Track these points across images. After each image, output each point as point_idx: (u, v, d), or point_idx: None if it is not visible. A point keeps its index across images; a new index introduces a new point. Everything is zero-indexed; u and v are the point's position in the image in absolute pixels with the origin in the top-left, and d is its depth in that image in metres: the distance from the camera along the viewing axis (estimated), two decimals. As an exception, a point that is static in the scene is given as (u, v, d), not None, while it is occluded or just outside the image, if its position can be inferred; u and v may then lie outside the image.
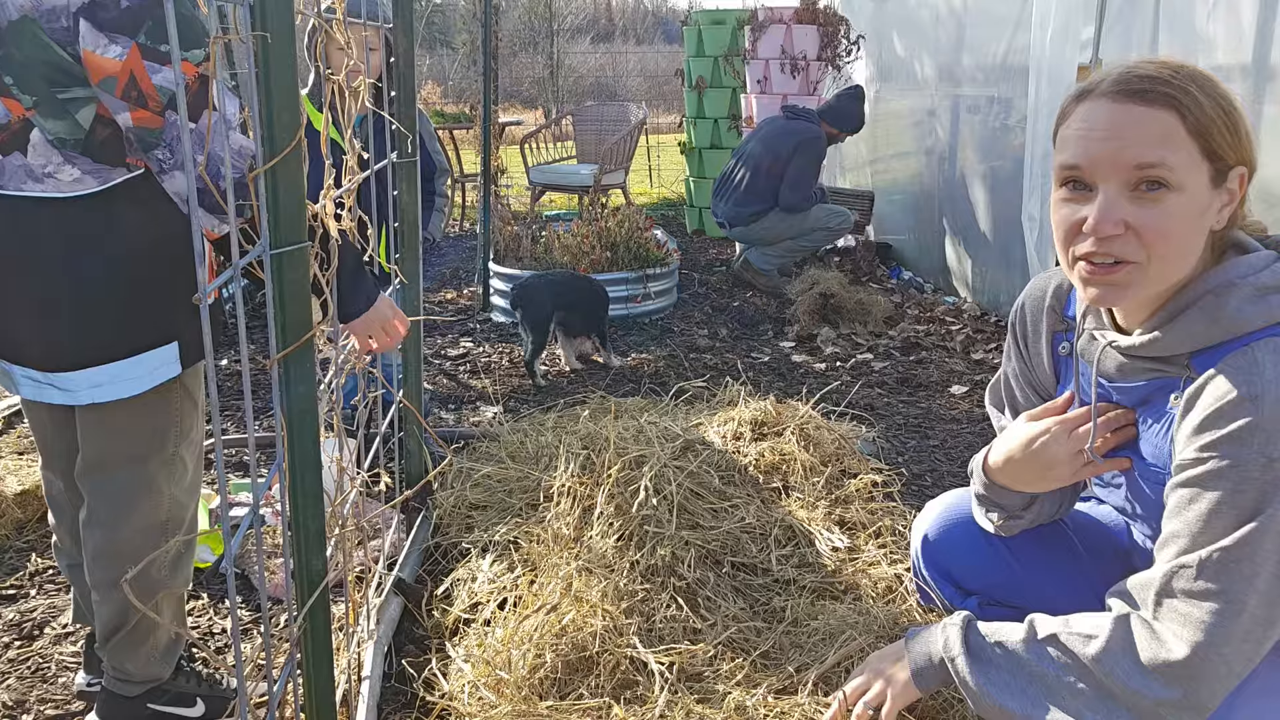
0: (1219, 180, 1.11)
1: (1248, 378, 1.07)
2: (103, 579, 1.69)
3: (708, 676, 1.65)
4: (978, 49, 4.92)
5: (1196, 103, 1.08)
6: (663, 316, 4.85)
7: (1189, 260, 1.14)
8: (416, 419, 2.25)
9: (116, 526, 1.65)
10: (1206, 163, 1.09)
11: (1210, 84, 1.11)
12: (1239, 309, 1.11)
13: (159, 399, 1.60)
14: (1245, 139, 1.12)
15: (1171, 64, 1.12)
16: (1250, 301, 1.11)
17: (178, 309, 1.56)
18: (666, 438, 2.33)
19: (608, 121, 8.15)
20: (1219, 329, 1.12)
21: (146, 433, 1.63)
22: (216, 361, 4.10)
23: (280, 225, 1.09)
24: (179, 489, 1.70)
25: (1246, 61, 2.79)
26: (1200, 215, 1.11)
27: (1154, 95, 1.09)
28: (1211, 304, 1.12)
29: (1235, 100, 1.11)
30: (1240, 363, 1.09)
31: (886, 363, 4.11)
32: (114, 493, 1.65)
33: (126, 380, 1.54)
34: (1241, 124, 1.11)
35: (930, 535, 1.72)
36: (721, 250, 6.56)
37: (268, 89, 1.05)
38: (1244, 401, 1.06)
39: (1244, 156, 1.12)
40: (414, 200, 2.11)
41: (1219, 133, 1.09)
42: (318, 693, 1.31)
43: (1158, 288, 1.17)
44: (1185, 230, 1.10)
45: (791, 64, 6.32)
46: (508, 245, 5.08)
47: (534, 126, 9.47)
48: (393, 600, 1.96)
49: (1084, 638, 1.18)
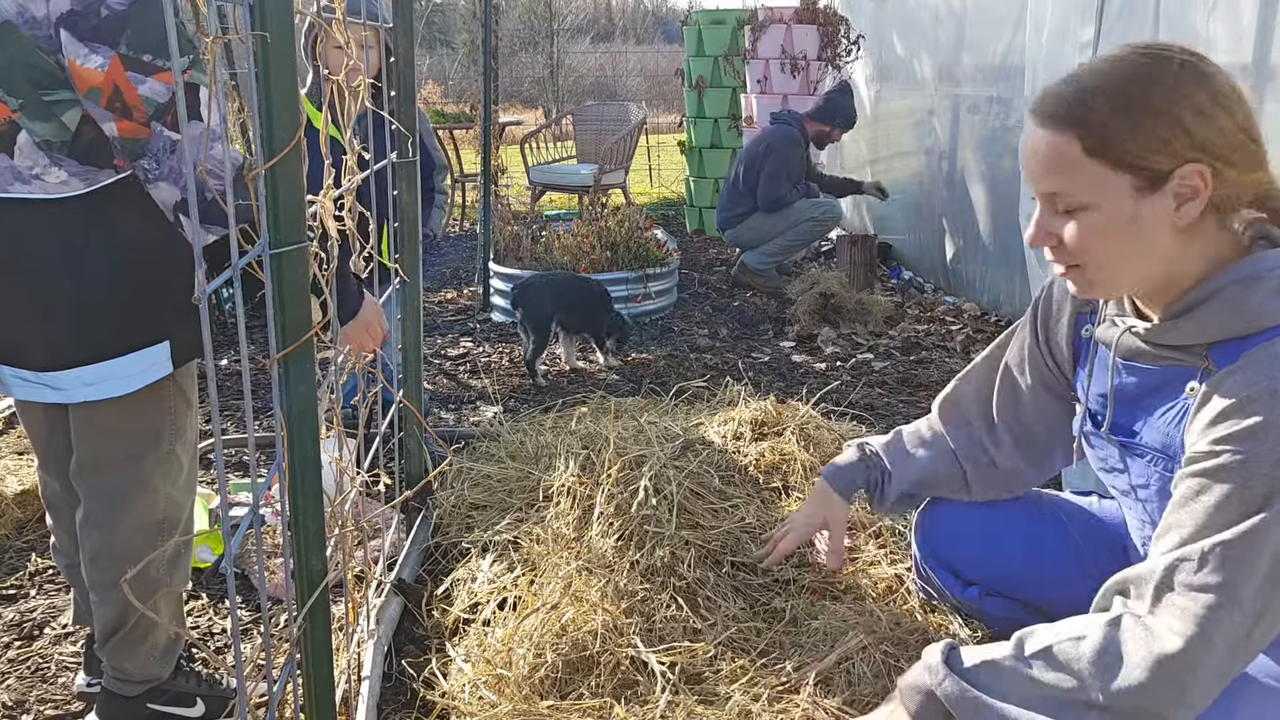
0: (1155, 185, 1.09)
1: (1268, 373, 1.06)
2: (101, 579, 1.69)
3: (708, 677, 1.65)
4: (977, 49, 4.92)
5: (1100, 120, 1.08)
6: (663, 316, 4.85)
7: (1143, 262, 1.14)
8: (416, 419, 2.25)
9: (113, 527, 1.65)
10: (1124, 174, 1.09)
11: (1129, 93, 1.09)
12: (1263, 302, 1.10)
13: (152, 398, 1.61)
14: (1191, 136, 1.08)
15: (1097, 70, 1.11)
16: (1275, 295, 1.10)
17: (168, 308, 1.56)
18: (666, 438, 2.33)
19: (608, 121, 8.15)
20: (1241, 321, 1.12)
21: (140, 432, 1.63)
22: (216, 361, 4.10)
23: (280, 225, 1.09)
24: (175, 488, 1.70)
25: (1247, 61, 2.79)
26: (1130, 224, 1.11)
27: (1057, 119, 1.11)
28: (1235, 295, 1.11)
29: (1174, 100, 1.08)
30: (1261, 358, 1.08)
31: (887, 363, 4.11)
32: (110, 493, 1.65)
33: (119, 379, 1.54)
34: (1180, 124, 1.08)
35: (930, 528, 1.75)
36: (721, 250, 6.56)
37: (267, 89, 1.05)
38: (1262, 397, 1.05)
39: (1195, 153, 1.08)
40: (414, 200, 2.11)
41: (1133, 143, 1.08)
42: (317, 693, 1.31)
43: (1130, 287, 1.18)
44: (1112, 242, 1.12)
45: (791, 64, 6.33)
46: (508, 245, 5.08)
47: (534, 126, 9.46)
48: (393, 600, 1.96)
49: (1075, 640, 1.15)
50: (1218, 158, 1.09)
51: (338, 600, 1.65)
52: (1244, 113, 1.12)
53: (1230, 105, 1.10)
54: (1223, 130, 1.09)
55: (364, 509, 1.72)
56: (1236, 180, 1.12)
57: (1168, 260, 1.15)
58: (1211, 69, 1.12)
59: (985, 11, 4.78)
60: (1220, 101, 1.09)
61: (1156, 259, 1.14)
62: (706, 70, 6.99)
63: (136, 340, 1.54)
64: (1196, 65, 1.11)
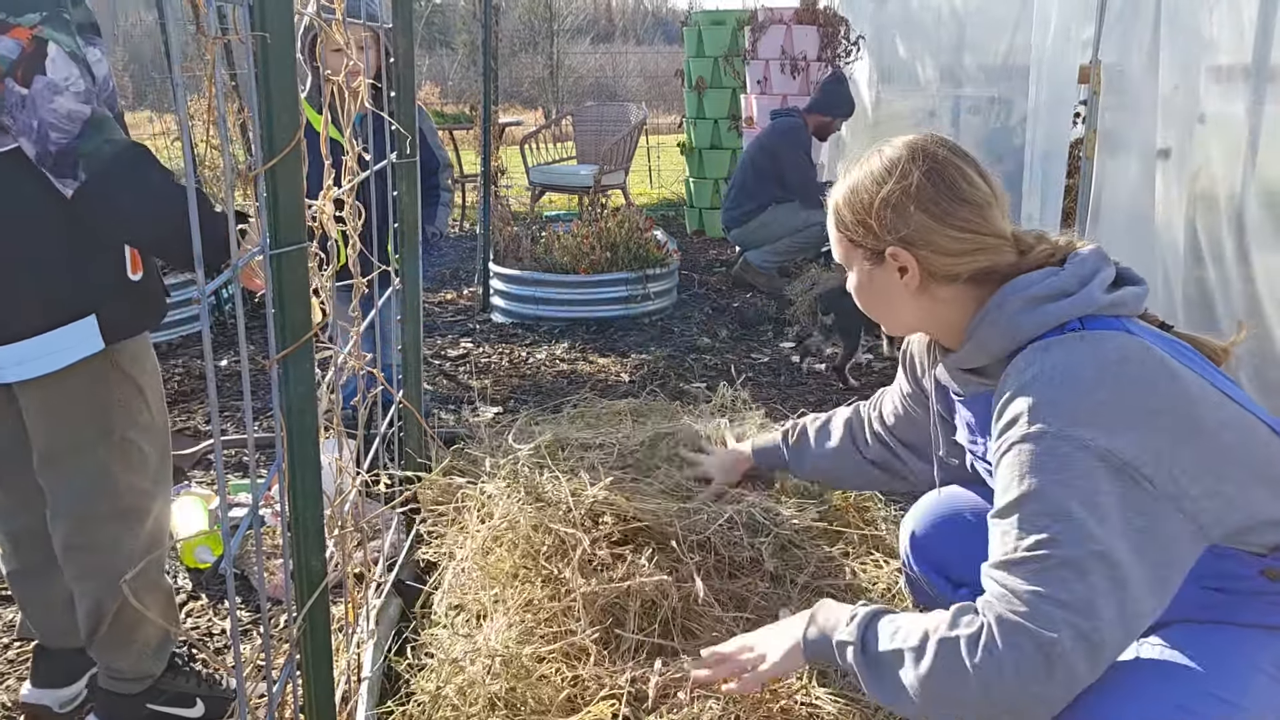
0: (876, 260, 1.37)
1: (1019, 374, 1.21)
2: (75, 572, 1.69)
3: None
4: (979, 49, 4.92)
5: (840, 210, 1.41)
6: (662, 317, 4.85)
7: (897, 313, 1.42)
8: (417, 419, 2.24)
9: (78, 517, 1.67)
10: (858, 249, 1.39)
11: (858, 191, 1.37)
12: (1011, 319, 1.27)
13: (91, 380, 1.61)
14: (893, 228, 1.33)
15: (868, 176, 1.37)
16: (1020, 312, 1.27)
17: (90, 283, 1.57)
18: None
19: (608, 122, 8.15)
20: (1002, 338, 1.29)
21: (85, 417, 1.63)
22: (216, 362, 4.10)
23: (279, 225, 1.09)
24: (138, 477, 1.70)
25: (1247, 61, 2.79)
26: (869, 285, 1.41)
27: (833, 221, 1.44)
28: (992, 317, 1.30)
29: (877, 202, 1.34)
30: (1021, 360, 1.24)
31: (887, 363, 4.11)
32: (68, 483, 1.66)
33: (48, 355, 1.55)
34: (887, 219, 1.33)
35: (918, 531, 1.77)
36: (722, 251, 6.56)
37: (267, 89, 1.05)
38: (1018, 394, 1.20)
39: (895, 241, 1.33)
40: (414, 200, 2.11)
41: (851, 229, 1.39)
42: (317, 693, 1.31)
43: (906, 331, 1.52)
44: (863, 296, 1.43)
45: (792, 64, 6.33)
46: (508, 246, 5.08)
47: (534, 127, 9.46)
48: (392, 601, 1.96)
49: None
50: (913, 244, 1.32)
51: (337, 601, 1.64)
52: (963, 215, 1.31)
53: (941, 209, 1.31)
54: (916, 225, 1.32)
55: (364, 509, 1.72)
56: (945, 261, 1.32)
57: (925, 312, 1.38)
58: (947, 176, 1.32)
59: (987, 12, 4.78)
60: (924, 205, 1.31)
61: (910, 312, 1.40)
62: (706, 71, 6.99)
63: (60, 315, 1.55)
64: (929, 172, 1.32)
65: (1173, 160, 3.06)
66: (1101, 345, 1.20)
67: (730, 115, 7.00)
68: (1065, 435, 1.14)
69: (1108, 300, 1.26)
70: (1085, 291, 1.26)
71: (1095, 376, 1.17)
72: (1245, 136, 2.81)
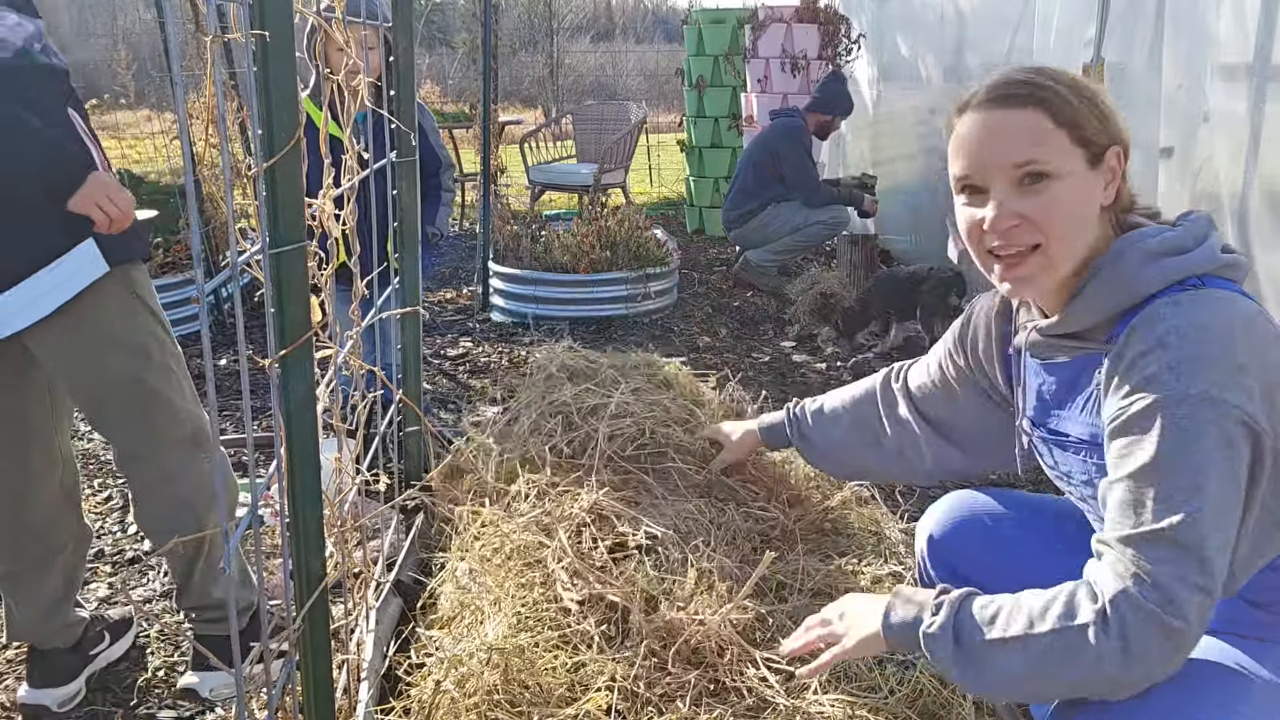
0: (1095, 162, 1.23)
1: (1151, 328, 1.14)
2: (158, 511, 1.69)
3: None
4: (980, 48, 4.91)
5: (1061, 98, 1.21)
6: (663, 316, 4.84)
7: (1086, 236, 1.24)
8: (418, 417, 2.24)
9: (149, 451, 1.66)
10: (1080, 149, 1.21)
11: (1074, 81, 1.24)
12: (1133, 273, 1.19)
13: (116, 308, 1.60)
14: (1113, 122, 1.24)
15: (1038, 69, 1.25)
16: (1142, 265, 1.19)
17: (77, 216, 1.55)
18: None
19: (607, 121, 8.14)
20: (1121, 293, 1.21)
21: (122, 349, 1.62)
22: (215, 361, 4.09)
23: (279, 224, 1.09)
24: (187, 400, 1.70)
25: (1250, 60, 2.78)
26: (1085, 194, 1.23)
27: (1021, 98, 1.22)
28: (1109, 272, 1.22)
29: (1099, 91, 1.25)
30: (1144, 322, 1.16)
31: (887, 362, 4.10)
32: (129, 420, 1.65)
33: (57, 287, 1.53)
34: (1107, 110, 1.23)
35: (935, 534, 1.74)
36: (721, 250, 6.55)
37: (267, 89, 1.04)
38: (1152, 349, 1.12)
39: (1115, 137, 1.24)
40: (414, 200, 2.10)
41: (1086, 121, 1.21)
42: (316, 693, 1.31)
43: (1064, 269, 1.26)
44: (1072, 209, 1.23)
45: (792, 63, 6.33)
46: (507, 245, 5.08)
47: (534, 126, 9.46)
48: (392, 600, 1.96)
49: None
50: (1122, 144, 1.25)
51: (336, 600, 1.64)
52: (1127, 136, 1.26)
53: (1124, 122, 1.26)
54: (1120, 124, 1.24)
55: (363, 509, 1.71)
56: (1127, 173, 1.26)
57: (1093, 239, 1.26)
58: None
59: (988, 11, 4.78)
60: (1119, 114, 1.25)
61: (1089, 238, 1.25)
62: (707, 69, 6.99)
63: (57, 246, 1.54)
64: None
65: (1175, 159, 3.05)
66: (1235, 305, 1.15)
67: (730, 114, 7.00)
68: (1209, 398, 1.08)
69: (1226, 260, 1.21)
70: (1207, 247, 1.20)
71: (1236, 337, 1.11)
72: (1247, 135, 2.81)
